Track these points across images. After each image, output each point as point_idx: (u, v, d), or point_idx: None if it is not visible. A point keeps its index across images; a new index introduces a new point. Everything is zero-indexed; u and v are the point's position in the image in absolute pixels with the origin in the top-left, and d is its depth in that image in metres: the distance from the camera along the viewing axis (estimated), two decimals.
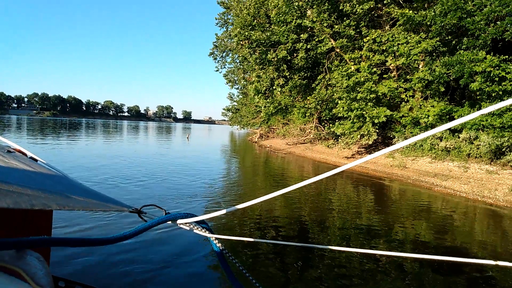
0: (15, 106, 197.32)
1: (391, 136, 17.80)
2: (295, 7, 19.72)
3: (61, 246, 0.79)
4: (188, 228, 1.24)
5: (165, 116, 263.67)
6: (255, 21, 21.67)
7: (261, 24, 21.68)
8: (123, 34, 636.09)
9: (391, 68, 18.03)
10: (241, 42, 22.72)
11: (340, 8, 18.50)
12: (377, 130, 17.09)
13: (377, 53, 17.38)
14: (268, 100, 24.04)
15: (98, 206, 1.17)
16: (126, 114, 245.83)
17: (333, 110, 18.83)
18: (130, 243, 4.98)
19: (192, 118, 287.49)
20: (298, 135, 30.36)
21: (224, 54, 38.29)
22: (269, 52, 21.26)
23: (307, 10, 20.04)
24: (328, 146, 23.09)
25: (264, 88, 23.45)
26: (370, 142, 17.32)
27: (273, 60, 21.54)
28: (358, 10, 17.47)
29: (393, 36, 16.54)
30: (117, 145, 23.99)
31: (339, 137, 19.58)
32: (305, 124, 29.69)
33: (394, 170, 14.69)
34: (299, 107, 24.46)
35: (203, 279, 4.29)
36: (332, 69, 19.44)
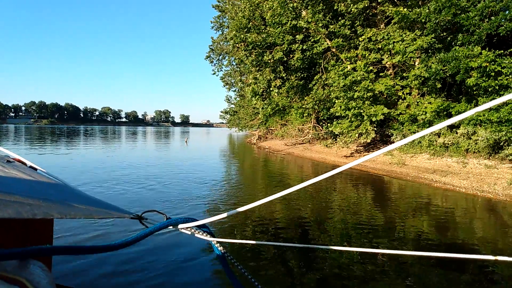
0: (13, 115, 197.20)
1: (389, 134, 17.83)
2: (290, 8, 19.77)
3: (64, 255, 0.79)
4: (190, 233, 1.24)
5: (163, 121, 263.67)
6: (251, 24, 21.69)
7: (257, 26, 21.69)
8: (119, 40, 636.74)
9: (387, 66, 18.08)
10: (237, 45, 22.73)
11: (335, 8, 18.56)
12: (375, 128, 17.12)
13: (373, 52, 17.42)
14: (266, 102, 24.05)
15: (100, 214, 1.17)
16: (124, 120, 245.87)
17: (331, 110, 18.86)
18: (132, 249, 4.97)
19: (190, 122, 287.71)
20: (297, 136, 30.40)
21: (221, 57, 38.30)
22: (265, 54, 21.29)
23: (302, 11, 20.10)
24: (327, 146, 23.10)
25: (261, 90, 23.46)
26: (369, 141, 17.35)
27: (270, 62, 21.56)
28: (353, 10, 17.53)
29: (389, 34, 16.60)
30: (117, 151, 23.95)
31: (338, 136, 19.60)
32: (303, 125, 29.73)
33: (393, 168, 14.71)
34: (297, 108, 24.48)
35: (206, 283, 4.28)
36: (329, 69, 19.47)
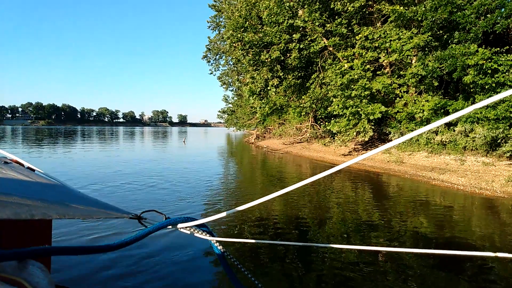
0: (10, 117, 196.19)
1: (387, 132, 17.88)
2: (287, 8, 19.78)
3: (63, 255, 0.78)
4: (189, 232, 1.24)
5: (161, 121, 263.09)
6: (247, 23, 21.67)
7: (253, 26, 21.67)
8: (115, 40, 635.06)
9: (384, 65, 18.12)
10: (234, 44, 22.71)
11: (331, 7, 18.58)
12: (373, 127, 17.17)
13: (370, 50, 17.46)
14: (263, 101, 24.06)
15: (98, 214, 1.16)
16: (122, 120, 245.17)
17: (328, 108, 18.89)
18: (131, 250, 4.97)
19: (188, 122, 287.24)
20: (295, 135, 30.42)
21: (218, 57, 38.27)
22: (262, 53, 21.29)
23: (299, 10, 20.10)
24: (325, 144, 23.15)
25: (259, 89, 23.46)
26: (366, 139, 17.40)
27: (267, 61, 21.57)
28: (349, 8, 17.56)
29: (385, 33, 16.64)
30: (114, 152, 23.88)
31: (335, 135, 19.64)
32: (301, 123, 29.75)
33: (391, 166, 14.75)
34: (294, 107, 24.51)
35: (206, 283, 4.28)
36: (326, 68, 19.51)
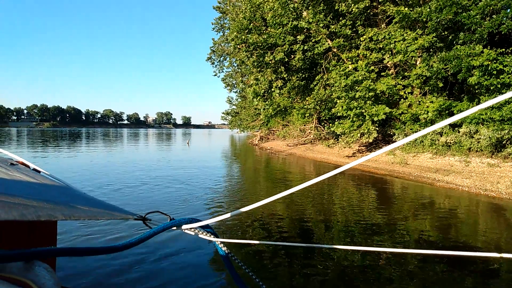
0: (15, 119, 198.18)
1: (391, 134, 17.79)
2: (291, 9, 19.79)
3: (68, 256, 0.79)
4: (193, 233, 1.24)
5: (165, 123, 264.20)
6: (252, 25, 21.69)
7: (258, 27, 21.70)
8: (120, 42, 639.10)
9: (389, 66, 18.05)
10: (238, 46, 22.74)
11: (336, 8, 18.56)
12: (377, 128, 17.08)
13: (374, 51, 17.39)
14: (267, 102, 24.05)
15: (103, 215, 1.17)
16: (126, 122, 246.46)
17: (332, 110, 18.84)
18: (135, 250, 4.99)
19: (192, 123, 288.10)
20: (298, 136, 30.38)
21: (222, 59, 38.39)
22: (267, 55, 21.30)
23: (303, 12, 20.11)
24: (329, 146, 23.09)
25: (263, 91, 23.46)
26: (371, 140, 17.31)
27: (271, 63, 21.58)
28: (354, 10, 17.52)
29: (390, 34, 16.57)
30: (119, 153, 24.02)
31: (339, 137, 19.58)
32: (305, 125, 29.71)
33: (396, 167, 14.67)
34: (298, 108, 24.47)
35: (210, 284, 4.28)
36: (330, 69, 19.46)
